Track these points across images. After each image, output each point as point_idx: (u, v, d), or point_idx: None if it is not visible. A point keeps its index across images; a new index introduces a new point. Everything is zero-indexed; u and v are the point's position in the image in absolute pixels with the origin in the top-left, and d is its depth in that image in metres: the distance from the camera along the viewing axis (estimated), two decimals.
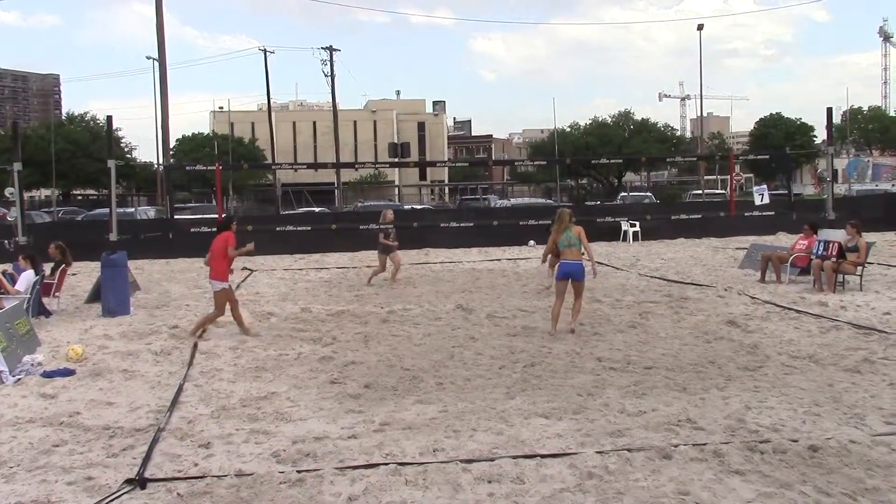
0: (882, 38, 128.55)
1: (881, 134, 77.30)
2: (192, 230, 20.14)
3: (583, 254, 10.51)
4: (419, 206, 49.24)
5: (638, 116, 76.36)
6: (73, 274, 17.34)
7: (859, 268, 13.58)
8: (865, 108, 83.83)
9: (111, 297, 12.75)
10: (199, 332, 10.61)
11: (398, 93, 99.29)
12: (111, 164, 13.64)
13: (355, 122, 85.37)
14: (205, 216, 29.43)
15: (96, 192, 68.96)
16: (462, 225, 25.09)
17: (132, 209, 41.44)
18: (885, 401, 6.84)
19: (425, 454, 5.71)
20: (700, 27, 61.69)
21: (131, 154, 69.07)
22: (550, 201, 53.70)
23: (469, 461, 5.48)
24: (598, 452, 5.58)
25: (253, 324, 11.17)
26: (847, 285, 13.63)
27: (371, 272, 16.75)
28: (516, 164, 74.93)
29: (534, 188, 78.69)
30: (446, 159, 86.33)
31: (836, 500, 4.73)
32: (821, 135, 67.07)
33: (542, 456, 5.55)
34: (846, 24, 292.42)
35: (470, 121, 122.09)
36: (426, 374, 8.24)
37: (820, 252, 13.95)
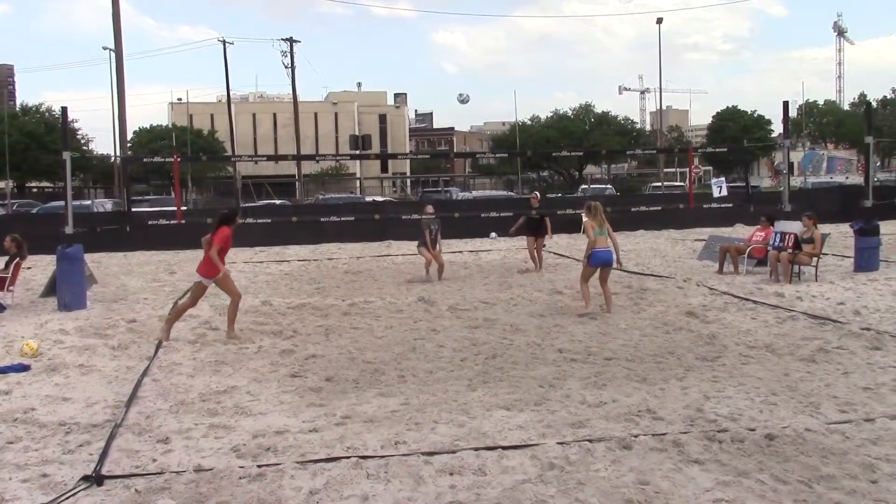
0: (836, 34, 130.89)
1: (836, 127, 78.77)
2: (151, 223, 19.85)
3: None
4: (381, 199, 49.04)
5: (598, 109, 77.14)
6: (28, 268, 17.04)
7: (814, 259, 13.80)
8: (821, 102, 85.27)
9: (67, 291, 12.53)
10: (233, 327, 10.12)
11: (359, 85, 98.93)
12: (66, 155, 13.38)
13: (316, 115, 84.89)
14: (163, 209, 29.08)
15: (52, 185, 67.79)
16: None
17: (88, 202, 40.66)
18: (839, 389, 6.96)
19: (387, 447, 5.69)
20: (659, 21, 62.27)
21: (88, 146, 67.96)
22: (512, 193, 53.87)
23: (431, 454, 5.47)
24: (559, 443, 5.60)
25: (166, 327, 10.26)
26: (803, 276, 13.85)
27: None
28: (478, 156, 75.15)
29: (495, 181, 78.92)
30: (408, 152, 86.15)
31: (793, 487, 4.80)
32: (777, 128, 68.18)
33: (504, 447, 5.56)
34: (802, 20, 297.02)
35: (431, 113, 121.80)
36: (388, 367, 8.22)
37: (776, 243, 14.15)
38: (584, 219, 11.27)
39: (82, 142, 65.78)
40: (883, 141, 48.93)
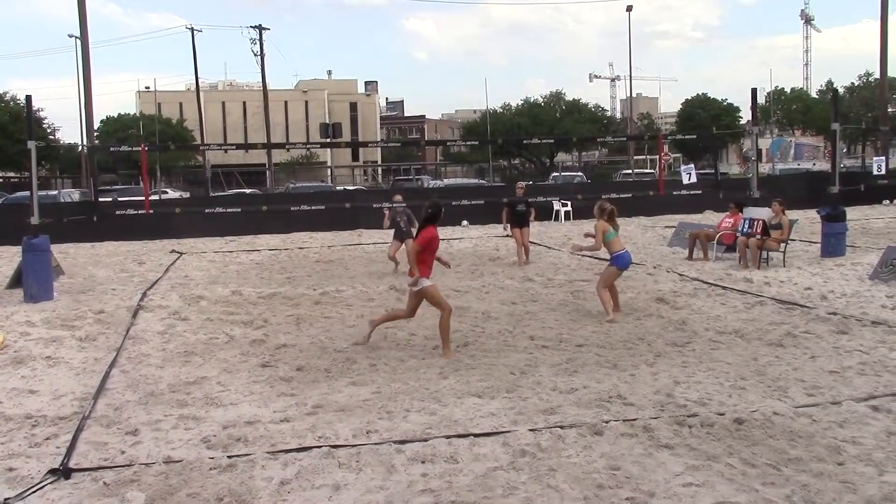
0: (804, 21, 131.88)
1: (803, 114, 79.55)
2: (119, 213, 19.62)
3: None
4: (352, 188, 48.88)
5: (569, 97, 77.40)
6: None
7: (782, 245, 13.96)
8: (788, 89, 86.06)
9: (33, 282, 12.35)
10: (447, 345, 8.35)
11: (329, 73, 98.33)
12: (32, 145, 13.16)
13: (286, 103, 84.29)
14: (132, 199, 28.76)
15: (17, 175, 66.76)
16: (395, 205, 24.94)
17: (55, 192, 40.15)
18: (806, 373, 7.05)
19: (359, 436, 5.68)
20: (629, 9, 62.52)
21: (54, 135, 66.96)
22: (483, 181, 53.91)
23: (403, 442, 5.47)
24: (530, 430, 5.62)
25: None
26: (771, 262, 14.00)
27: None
28: (449, 144, 74.99)
29: (467, 169, 78.92)
30: (379, 140, 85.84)
31: (761, 470, 4.85)
32: (746, 115, 68.79)
33: (476, 435, 5.56)
34: (770, 7, 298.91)
35: (402, 101, 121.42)
36: (359, 356, 8.19)
37: (745, 230, 14.28)
38: (596, 220, 10.51)
39: (48, 131, 64.81)
40: (849, 128, 49.48)
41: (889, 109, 42.31)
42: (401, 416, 6.11)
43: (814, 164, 59.73)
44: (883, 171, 24.85)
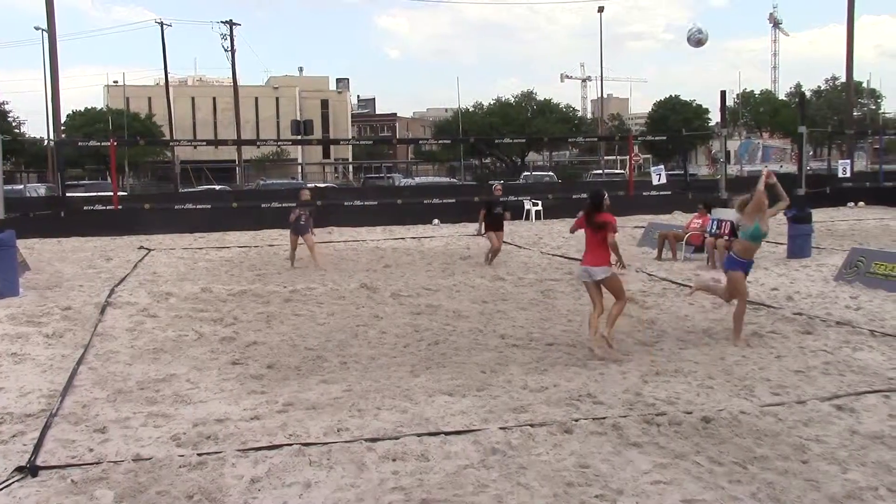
0: (772, 25, 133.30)
1: (771, 117, 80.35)
2: (86, 208, 19.42)
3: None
4: (323, 185, 48.66)
5: (540, 97, 77.54)
6: None
7: None
8: (757, 92, 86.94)
9: None
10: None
11: (301, 69, 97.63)
12: None
13: (257, 99, 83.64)
14: (99, 194, 28.45)
15: None
16: (366, 203, 24.94)
17: (21, 186, 39.63)
18: (772, 373, 7.15)
19: (329, 434, 5.68)
20: (601, 10, 62.84)
21: (19, 129, 66.00)
22: (455, 180, 53.95)
23: (374, 440, 5.48)
24: (501, 428, 5.65)
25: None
26: None
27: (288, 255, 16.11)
28: (420, 142, 74.97)
29: (438, 167, 78.93)
30: (350, 137, 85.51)
31: (728, 468, 4.92)
32: (715, 117, 69.36)
33: (447, 433, 5.59)
34: (740, 10, 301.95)
35: (374, 99, 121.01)
36: (330, 354, 8.19)
37: (713, 230, 14.44)
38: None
39: (13, 124, 63.88)
40: (816, 131, 50.16)
41: (854, 113, 42.90)
42: (372, 415, 6.11)
43: (781, 167, 60.42)
44: (848, 174, 25.25)
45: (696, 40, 15.72)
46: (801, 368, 7.29)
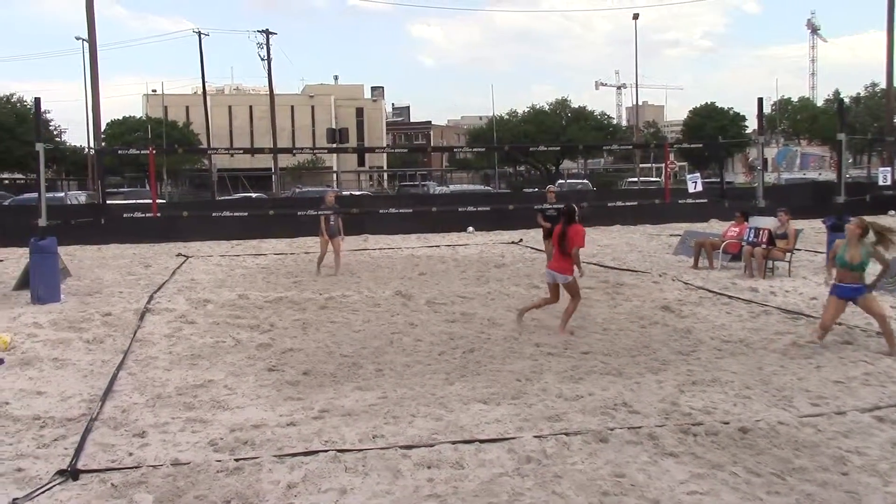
0: (810, 31, 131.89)
1: (809, 124, 79.39)
2: (125, 216, 19.68)
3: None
4: (358, 193, 48.90)
5: (575, 104, 77.36)
6: (1, 260, 16.87)
7: (788, 254, 13.96)
8: (795, 98, 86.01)
9: (40, 283, 12.41)
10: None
11: (336, 78, 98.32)
12: (39, 147, 13.23)
13: (293, 108, 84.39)
14: (138, 201, 28.84)
15: (24, 177, 66.96)
16: (401, 211, 24.96)
17: (62, 194, 40.30)
18: (811, 383, 7.06)
19: (365, 441, 5.71)
20: (635, 17, 62.67)
21: (61, 137, 67.20)
22: (489, 188, 53.94)
23: (409, 447, 5.49)
24: (536, 437, 5.64)
25: None
26: (776, 271, 14.00)
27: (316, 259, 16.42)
28: (455, 150, 75.21)
29: (472, 175, 78.99)
30: (385, 145, 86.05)
31: (766, 479, 4.87)
32: (752, 124, 68.72)
33: (481, 441, 5.59)
34: (777, 17, 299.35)
35: (409, 107, 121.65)
36: (365, 361, 8.22)
37: (750, 239, 14.29)
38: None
39: (55, 133, 65.04)
40: (855, 138, 49.47)
41: (895, 120, 42.19)
42: (407, 422, 6.13)
43: (819, 174, 59.66)
44: (889, 182, 24.81)
45: None
46: (840, 379, 7.19)
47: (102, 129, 41.36)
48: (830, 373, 7.41)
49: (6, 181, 67.58)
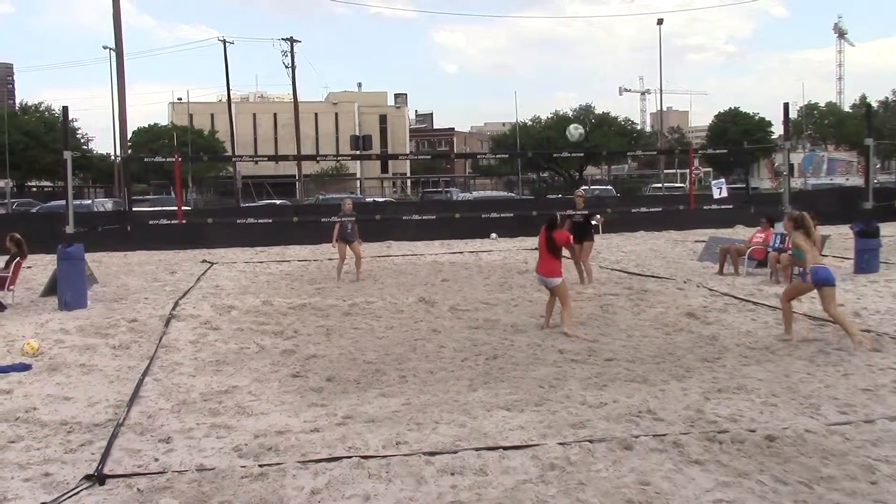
0: (837, 35, 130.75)
1: (836, 129, 78.70)
2: (151, 223, 19.83)
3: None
4: (381, 199, 49.08)
5: (599, 110, 77.12)
6: (29, 267, 17.07)
7: None
8: (822, 103, 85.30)
9: (68, 290, 12.55)
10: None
11: (360, 85, 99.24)
12: (67, 155, 13.39)
13: (316, 115, 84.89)
14: (164, 208, 29.10)
15: (51, 184, 67.82)
16: (424, 218, 25.07)
17: (89, 201, 40.74)
18: (839, 391, 6.98)
19: (388, 447, 5.71)
20: (660, 22, 62.49)
21: (87, 145, 67.99)
22: (512, 194, 53.92)
23: (432, 454, 5.49)
24: (560, 444, 5.62)
25: None
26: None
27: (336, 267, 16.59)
28: (478, 157, 75.23)
29: (496, 181, 79.01)
30: (408, 152, 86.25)
31: (793, 488, 4.82)
32: (777, 129, 68.24)
33: (505, 448, 5.57)
34: (803, 21, 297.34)
35: (432, 114, 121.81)
36: (389, 367, 8.23)
37: (777, 245, 14.17)
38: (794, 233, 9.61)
39: (82, 141, 65.82)
40: (883, 143, 48.94)
41: None
42: (430, 428, 6.13)
43: (847, 179, 59.14)
44: None
45: None
46: (869, 387, 7.10)
47: (129, 137, 41.74)
48: (858, 380, 7.32)
49: (34, 189, 68.49)
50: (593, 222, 15.43)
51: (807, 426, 5.91)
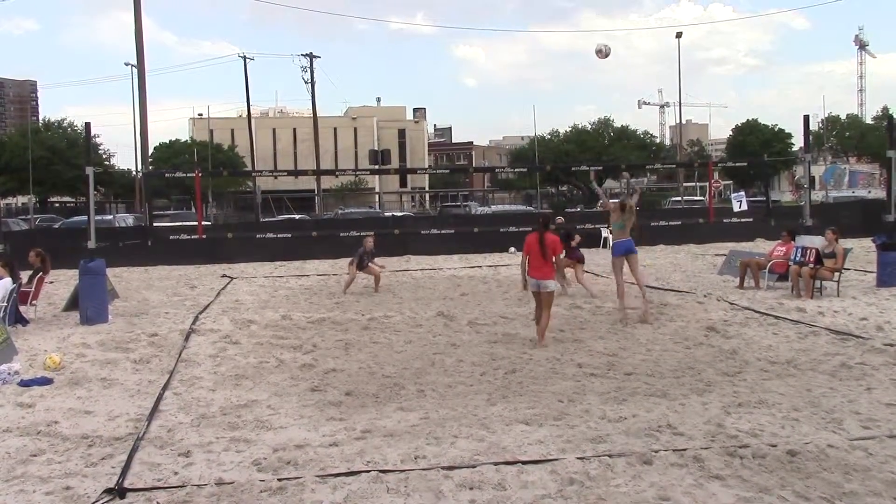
0: (858, 47, 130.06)
1: (858, 141, 78.15)
2: (172, 238, 20.02)
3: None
4: (400, 214, 49.14)
5: (618, 123, 76.96)
6: (51, 282, 17.20)
7: (836, 274, 13.70)
8: (843, 115, 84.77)
9: (89, 304, 12.65)
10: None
11: (378, 100, 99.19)
12: (89, 170, 13.54)
13: (335, 130, 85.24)
14: (184, 223, 29.30)
15: (73, 200, 68.46)
16: (443, 232, 25.12)
17: (110, 216, 41.11)
18: (862, 405, 6.91)
19: (407, 461, 5.70)
20: (678, 35, 62.30)
21: (109, 161, 68.59)
22: (531, 208, 53.85)
23: (451, 468, 5.48)
24: (579, 458, 5.59)
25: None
26: (824, 291, 13.74)
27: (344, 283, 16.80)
28: (497, 170, 75.21)
29: (514, 195, 78.92)
30: (427, 166, 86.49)
31: (815, 503, 4.77)
32: (798, 142, 67.80)
33: (524, 462, 5.55)
34: (824, 33, 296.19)
35: (450, 128, 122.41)
36: (407, 382, 8.23)
37: (798, 258, 14.07)
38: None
39: (104, 156, 66.41)
40: None
41: None
42: (449, 443, 6.12)
43: (869, 192, 58.62)
44: None
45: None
46: (892, 401, 7.02)
47: (150, 153, 42.12)
48: (882, 395, 7.25)
49: (56, 204, 69.16)
50: (573, 244, 15.53)
51: (829, 441, 5.85)
